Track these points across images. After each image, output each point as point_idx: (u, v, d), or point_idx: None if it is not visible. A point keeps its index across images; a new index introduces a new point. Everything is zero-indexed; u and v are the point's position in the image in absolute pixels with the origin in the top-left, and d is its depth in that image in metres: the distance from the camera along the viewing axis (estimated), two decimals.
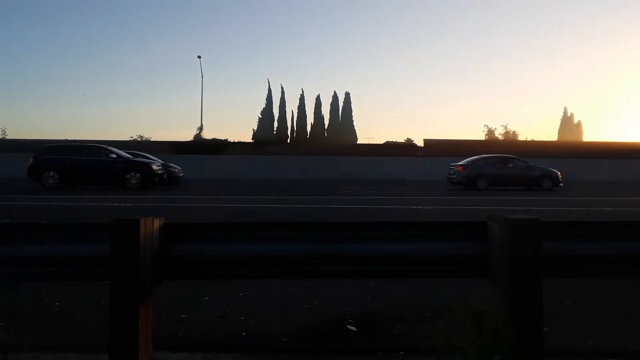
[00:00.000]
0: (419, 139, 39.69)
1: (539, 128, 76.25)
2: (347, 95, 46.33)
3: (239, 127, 75.82)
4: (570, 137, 46.64)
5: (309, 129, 45.99)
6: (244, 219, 8.24)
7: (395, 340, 2.63)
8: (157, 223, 2.05)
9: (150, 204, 10.90)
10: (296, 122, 45.97)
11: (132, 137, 41.19)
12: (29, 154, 16.95)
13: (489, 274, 2.10)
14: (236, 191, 16.45)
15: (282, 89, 46.52)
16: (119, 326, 1.88)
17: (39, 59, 65.12)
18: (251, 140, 41.79)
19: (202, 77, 48.59)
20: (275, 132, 44.99)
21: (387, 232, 2.19)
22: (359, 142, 43.22)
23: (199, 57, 40.93)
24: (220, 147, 35.32)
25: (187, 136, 51.35)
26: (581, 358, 2.41)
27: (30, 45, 64.24)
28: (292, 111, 46.23)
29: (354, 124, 46.14)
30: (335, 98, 46.28)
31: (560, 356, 2.35)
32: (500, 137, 48.52)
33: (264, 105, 46.32)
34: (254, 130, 45.93)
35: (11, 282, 3.45)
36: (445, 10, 68.47)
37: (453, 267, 2.16)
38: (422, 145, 37.30)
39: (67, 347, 2.45)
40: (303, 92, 46.48)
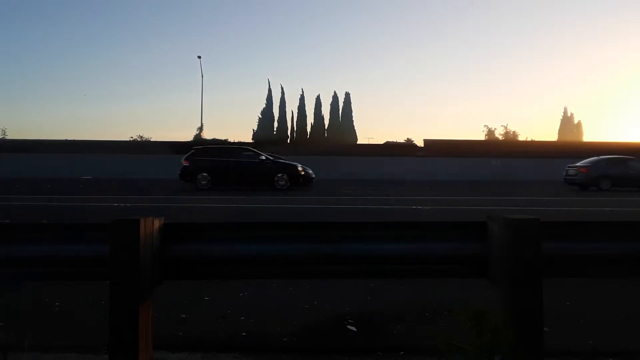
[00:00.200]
0: (419, 139, 39.83)
1: (539, 128, 76.40)
2: (347, 96, 46.44)
3: (239, 127, 76.02)
4: (571, 137, 46.69)
5: (309, 129, 46.04)
6: (243, 218, 8.25)
7: (395, 340, 2.63)
8: (157, 223, 2.05)
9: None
10: (296, 122, 46.03)
11: (132, 137, 41.34)
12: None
13: (489, 274, 2.10)
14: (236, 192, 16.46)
15: (282, 89, 46.67)
16: (119, 326, 1.88)
17: (39, 59, 65.32)
18: (251, 140, 41.77)
19: (202, 77, 48.52)
20: (275, 132, 45.03)
21: (387, 232, 2.19)
22: (359, 142, 43.29)
23: (199, 57, 40.95)
24: None
25: (187, 136, 51.54)
26: (581, 358, 2.41)
27: (30, 45, 64.41)
28: (292, 111, 46.36)
29: (354, 124, 46.26)
30: (335, 98, 46.35)
31: (560, 356, 2.34)
32: (500, 137, 48.63)
33: (264, 106, 46.42)
34: (254, 130, 46.04)
35: (11, 282, 3.45)
36: (445, 10, 68.63)
37: (453, 267, 2.16)
38: (422, 145, 37.30)
39: (67, 347, 2.45)
40: (303, 92, 46.63)
